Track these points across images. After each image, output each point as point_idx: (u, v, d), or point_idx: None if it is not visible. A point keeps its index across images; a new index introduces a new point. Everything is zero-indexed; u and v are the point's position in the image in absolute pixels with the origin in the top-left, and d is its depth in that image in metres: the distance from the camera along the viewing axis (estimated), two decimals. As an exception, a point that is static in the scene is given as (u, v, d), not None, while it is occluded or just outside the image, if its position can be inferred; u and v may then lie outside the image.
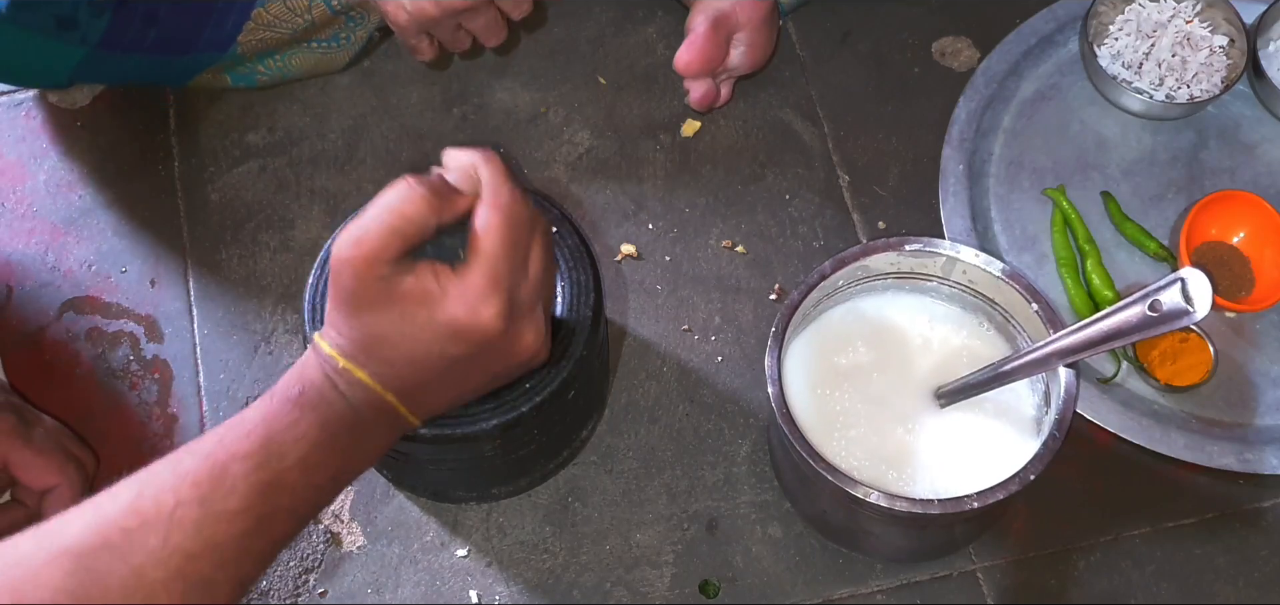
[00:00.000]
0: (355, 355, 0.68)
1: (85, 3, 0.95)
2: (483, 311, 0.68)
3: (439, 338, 0.69)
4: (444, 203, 0.68)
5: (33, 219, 1.05)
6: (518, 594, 0.91)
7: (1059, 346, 0.81)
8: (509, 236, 0.69)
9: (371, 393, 0.69)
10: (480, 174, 0.71)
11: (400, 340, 0.68)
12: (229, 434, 0.66)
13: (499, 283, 0.69)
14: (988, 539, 0.93)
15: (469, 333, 0.69)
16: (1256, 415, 0.96)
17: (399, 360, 0.69)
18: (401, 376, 0.69)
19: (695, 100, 1.05)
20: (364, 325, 0.68)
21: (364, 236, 0.67)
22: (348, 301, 0.68)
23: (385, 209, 0.67)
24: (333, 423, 0.68)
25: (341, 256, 0.67)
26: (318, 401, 0.68)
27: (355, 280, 0.67)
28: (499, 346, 0.71)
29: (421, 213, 0.67)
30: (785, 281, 1.02)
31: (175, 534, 0.62)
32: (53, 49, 0.98)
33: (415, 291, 0.68)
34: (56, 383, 0.98)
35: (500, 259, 0.69)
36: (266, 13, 1.01)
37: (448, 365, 0.70)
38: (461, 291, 0.68)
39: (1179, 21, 1.07)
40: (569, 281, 0.87)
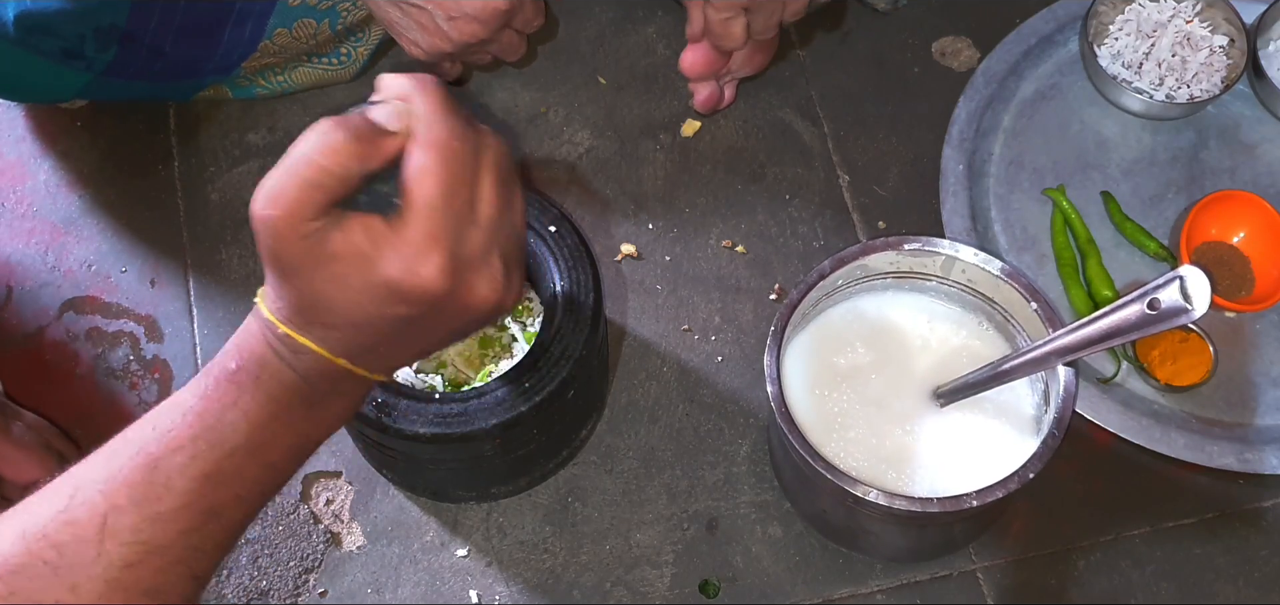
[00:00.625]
0: (294, 319, 0.61)
1: (92, 36, 0.96)
2: (421, 270, 0.59)
3: (378, 299, 0.60)
4: (368, 147, 0.59)
5: (33, 219, 1.06)
6: (518, 594, 0.91)
7: (1058, 345, 0.81)
8: (447, 180, 0.60)
9: (319, 358, 0.61)
10: (413, 107, 0.61)
11: (337, 303, 0.60)
12: (163, 420, 0.60)
13: (438, 235, 0.59)
14: (988, 539, 0.93)
15: (409, 293, 0.60)
16: (1256, 415, 0.96)
17: (341, 323, 0.61)
18: (347, 340, 0.62)
19: (700, 103, 1.05)
20: (297, 289, 0.60)
21: (279, 192, 0.58)
22: (274, 263, 0.60)
23: (300, 159, 0.58)
24: (281, 395, 0.61)
25: (258, 215, 0.59)
26: (260, 374, 0.61)
27: (276, 241, 0.59)
28: (449, 304, 0.62)
29: (342, 161, 0.58)
30: (785, 281, 1.02)
31: (110, 543, 0.57)
32: (58, 73, 0.98)
33: (345, 250, 0.59)
34: (56, 383, 0.98)
35: (438, 208, 0.59)
36: (272, 43, 1.01)
37: (394, 326, 0.62)
38: (396, 248, 0.59)
39: (1179, 21, 1.07)
40: (568, 280, 0.87)
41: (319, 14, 1.01)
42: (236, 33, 1.00)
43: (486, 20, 0.93)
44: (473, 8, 0.92)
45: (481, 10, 0.92)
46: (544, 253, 0.89)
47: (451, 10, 0.92)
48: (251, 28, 1.00)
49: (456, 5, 0.92)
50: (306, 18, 1.00)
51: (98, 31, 0.96)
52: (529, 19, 0.97)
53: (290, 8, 0.99)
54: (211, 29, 0.99)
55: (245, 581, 0.91)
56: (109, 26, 0.96)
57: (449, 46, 0.95)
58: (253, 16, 0.99)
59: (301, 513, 0.94)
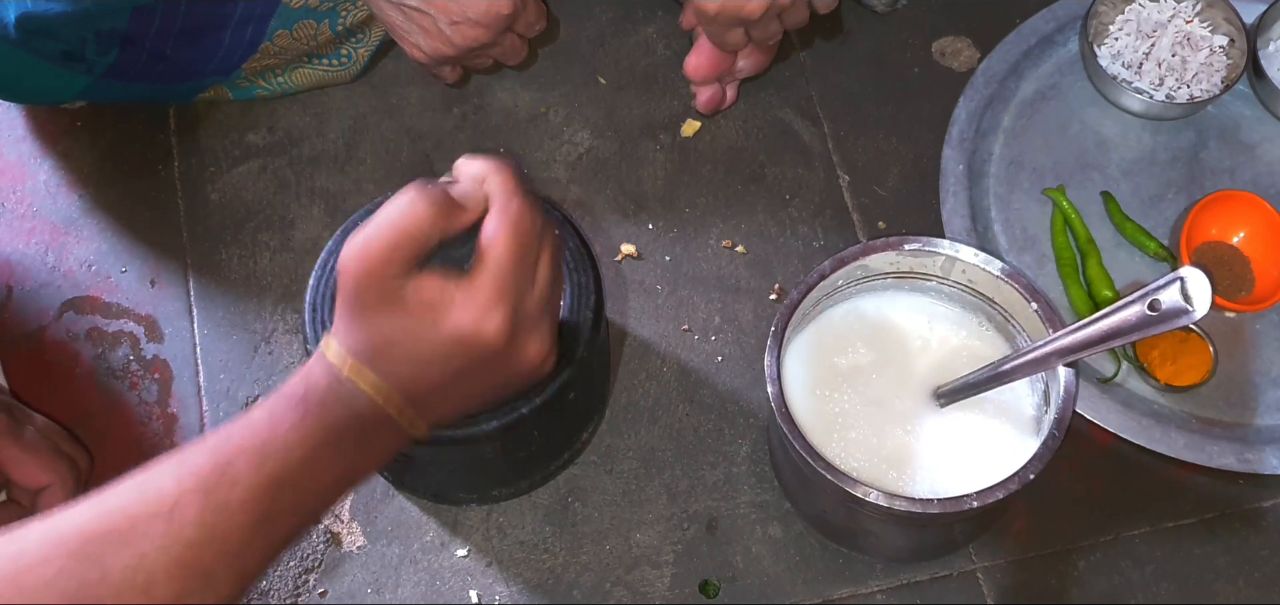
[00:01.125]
0: (359, 361, 0.68)
1: (93, 39, 0.96)
2: (487, 322, 0.68)
3: (444, 346, 0.69)
4: (449, 214, 0.69)
5: (33, 219, 1.06)
6: (518, 594, 0.91)
7: (1058, 345, 0.81)
8: (516, 248, 0.69)
9: (374, 401, 0.69)
10: (490, 184, 0.71)
11: (405, 347, 0.68)
12: (233, 429, 0.66)
13: (504, 294, 0.69)
14: (988, 539, 0.93)
15: (473, 343, 0.69)
16: (1256, 415, 0.96)
17: (404, 367, 0.69)
18: (406, 383, 0.69)
19: (703, 104, 1.05)
20: (370, 330, 0.68)
21: (369, 244, 0.67)
22: (354, 307, 0.68)
23: (391, 216, 0.68)
24: (336, 425, 0.68)
25: (346, 265, 0.68)
26: (322, 404, 0.68)
27: (360, 287, 0.68)
28: (504, 358, 0.71)
29: (426, 222, 0.68)
30: (785, 281, 1.02)
31: (178, 522, 0.62)
32: (58, 75, 0.98)
33: (421, 299, 0.68)
34: (56, 383, 0.98)
35: (506, 270, 0.69)
36: (273, 45, 1.01)
37: (452, 374, 0.70)
38: (467, 301, 0.68)
39: (1179, 21, 1.07)
40: (569, 283, 0.87)
41: (319, 16, 1.01)
42: (237, 35, 1.00)
43: (489, 24, 0.93)
44: (475, 12, 0.92)
45: (484, 15, 0.92)
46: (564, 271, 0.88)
47: (454, 15, 0.92)
48: (252, 30, 1.00)
49: (459, 10, 0.92)
50: (307, 19, 1.00)
51: (99, 35, 0.96)
52: (531, 23, 0.97)
53: (291, 10, 0.99)
54: (212, 32, 0.99)
55: (245, 582, 0.91)
56: (110, 30, 0.96)
57: (451, 50, 0.95)
58: (254, 19, 0.99)
59: (302, 513, 0.93)
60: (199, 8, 0.97)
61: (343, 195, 1.06)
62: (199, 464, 0.64)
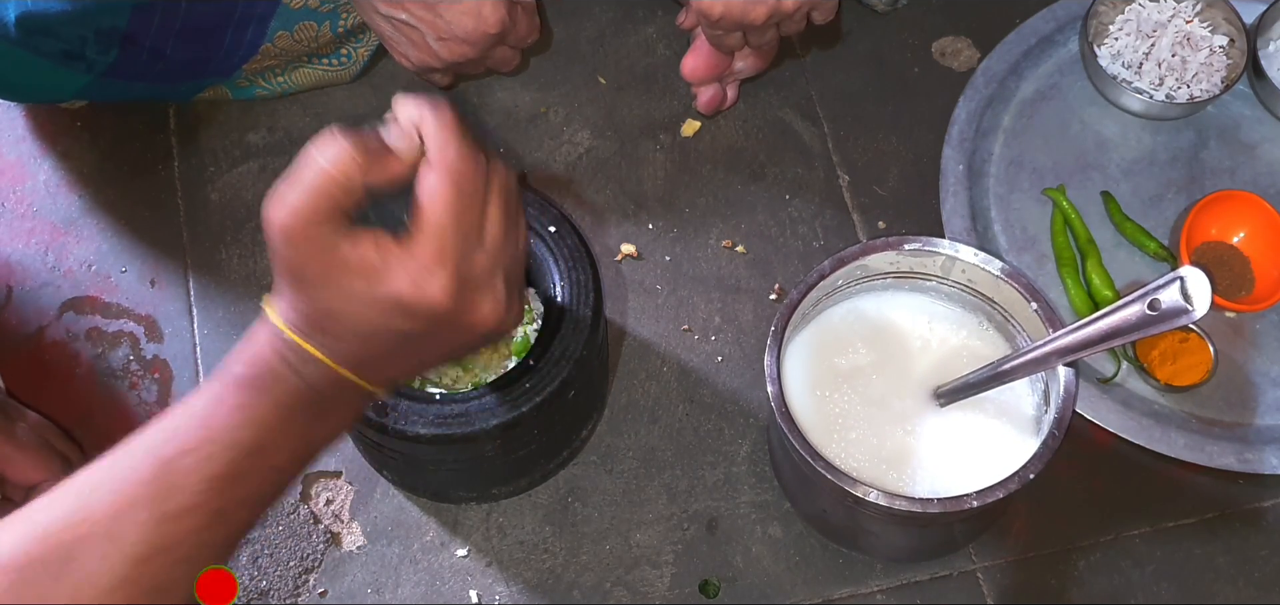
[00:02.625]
0: (303, 328, 0.63)
1: (93, 38, 0.96)
2: (428, 287, 0.62)
3: (384, 313, 0.62)
4: (375, 161, 0.62)
5: (33, 219, 1.06)
6: (518, 594, 0.91)
7: (1058, 345, 0.81)
8: (457, 203, 0.63)
9: (325, 367, 0.63)
10: (425, 130, 0.64)
11: (345, 314, 0.62)
12: (173, 423, 0.62)
13: (445, 255, 0.62)
14: (988, 539, 0.93)
15: (415, 309, 0.62)
16: (1256, 415, 0.96)
17: (347, 335, 0.63)
18: (353, 350, 0.63)
19: (703, 105, 1.05)
20: (307, 297, 0.62)
21: (288, 197, 0.61)
22: (287, 269, 0.62)
23: (309, 167, 0.61)
24: (287, 402, 0.63)
25: (269, 219, 0.61)
26: (269, 382, 0.62)
27: (287, 246, 0.61)
28: (452, 320, 0.64)
29: (346, 171, 0.61)
30: (785, 281, 1.02)
31: (120, 540, 0.58)
32: (58, 74, 0.98)
33: (355, 262, 0.61)
34: (56, 383, 0.98)
35: (447, 229, 0.62)
36: (273, 46, 1.01)
37: (399, 340, 0.64)
38: (404, 265, 0.62)
39: (1179, 21, 1.07)
40: (568, 282, 0.87)
41: (320, 17, 1.01)
42: (237, 36, 1.00)
43: (475, 42, 0.94)
44: (462, 31, 0.92)
45: (470, 33, 0.92)
46: (544, 253, 0.89)
47: (442, 31, 0.92)
48: (253, 31, 1.00)
49: (447, 27, 0.92)
50: (308, 21, 1.00)
51: (99, 34, 0.96)
52: (523, 36, 0.97)
53: (292, 11, 0.99)
54: (212, 32, 0.99)
55: (245, 581, 0.91)
56: (110, 29, 0.96)
57: (438, 64, 0.96)
58: (254, 20, 0.99)
59: (301, 513, 0.94)
60: (199, 7, 0.97)
61: (343, 195, 1.06)
62: (140, 471, 0.60)
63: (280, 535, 0.93)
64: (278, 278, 0.63)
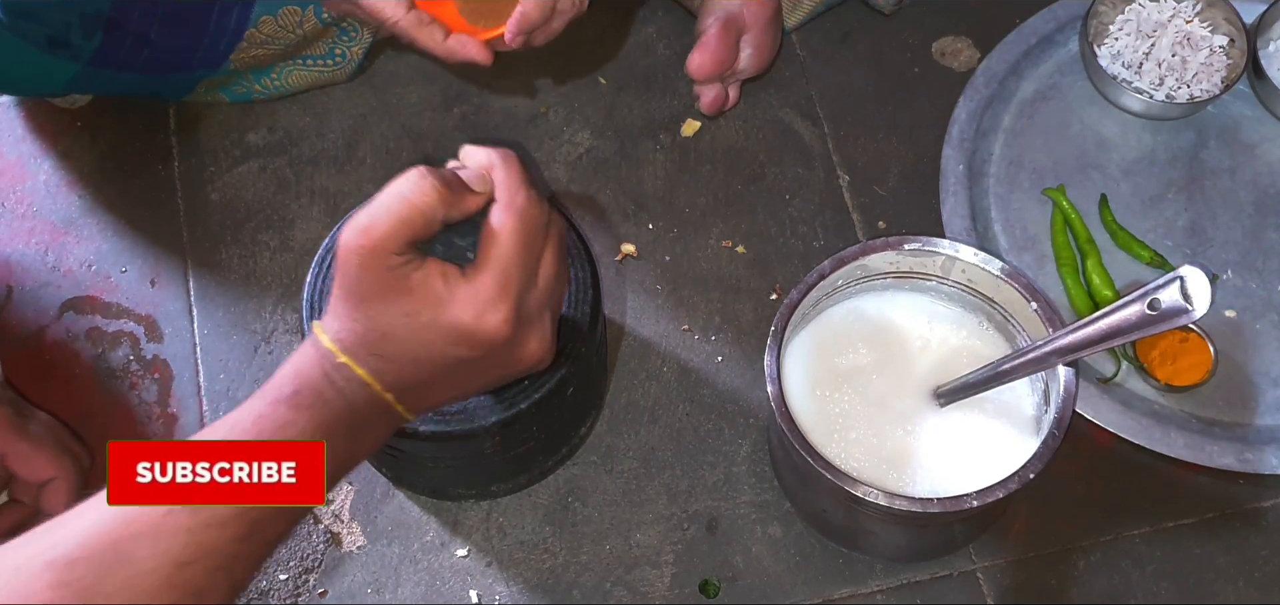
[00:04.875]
0: (355, 350, 0.66)
1: (77, 23, 0.96)
2: (489, 318, 0.67)
3: (442, 340, 0.67)
4: (454, 198, 0.67)
5: (33, 219, 1.06)
6: (518, 594, 0.91)
7: (1058, 345, 0.81)
8: (522, 242, 0.68)
9: (369, 390, 0.67)
10: (496, 175, 0.69)
11: (403, 337, 0.67)
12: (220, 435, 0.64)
13: (508, 289, 0.67)
14: (988, 539, 0.93)
15: (474, 338, 0.67)
16: (1256, 415, 0.96)
17: (400, 358, 0.67)
18: (401, 374, 0.68)
19: (706, 105, 1.05)
20: (367, 318, 0.66)
21: (371, 224, 0.65)
22: (352, 291, 0.66)
23: (394, 197, 0.66)
24: (328, 422, 0.66)
25: (348, 244, 0.66)
26: (313, 401, 0.66)
27: (360, 269, 0.66)
28: (503, 353, 0.69)
29: (431, 204, 0.66)
30: (785, 281, 1.02)
31: (166, 542, 0.60)
32: (46, 62, 0.98)
33: (421, 289, 0.66)
34: (56, 382, 0.98)
35: (511, 265, 0.68)
36: (258, 32, 1.01)
37: (449, 366, 0.68)
38: (469, 295, 0.67)
39: (1179, 21, 1.07)
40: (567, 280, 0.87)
41: (303, 1, 1.00)
42: (222, 20, 0.99)
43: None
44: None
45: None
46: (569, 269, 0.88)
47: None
48: (237, 15, 0.99)
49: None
50: (291, 5, 1.00)
51: (83, 18, 0.95)
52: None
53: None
54: (195, 15, 0.99)
55: (245, 581, 0.91)
56: (94, 13, 0.95)
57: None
58: (238, 4, 0.99)
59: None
60: None
61: (343, 195, 1.06)
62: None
63: (280, 535, 0.93)
64: (338, 297, 0.67)
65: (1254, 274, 1.01)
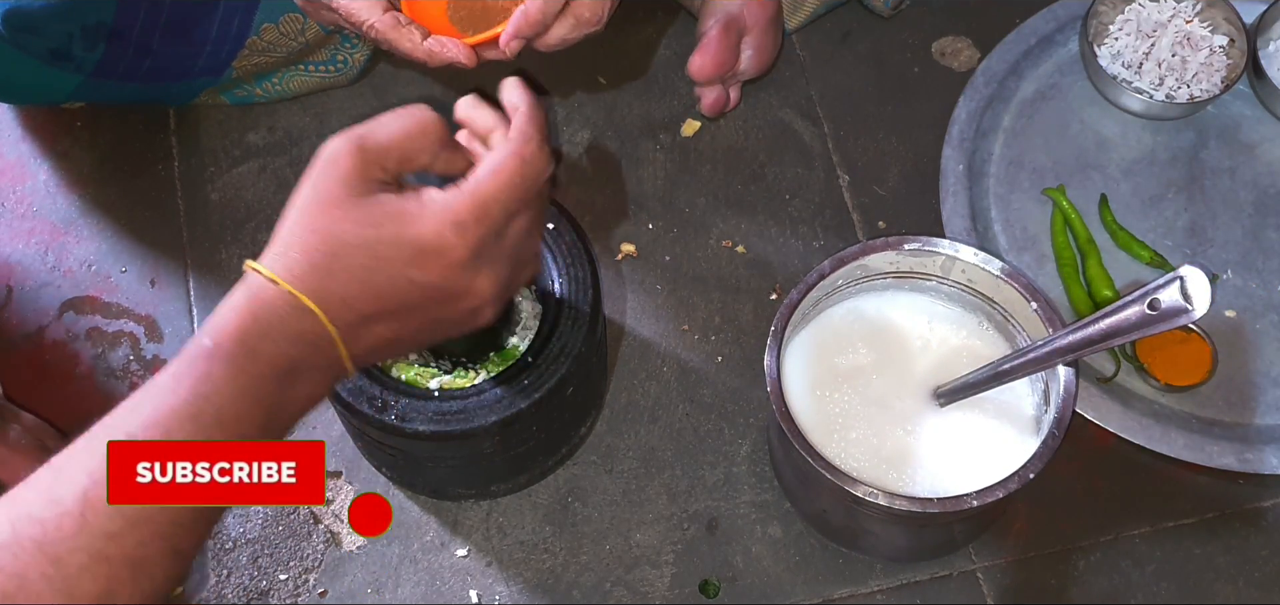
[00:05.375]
0: (302, 274, 0.62)
1: (79, 35, 0.96)
2: (454, 237, 0.64)
3: (399, 256, 0.63)
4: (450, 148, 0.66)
5: (33, 219, 1.06)
6: (518, 594, 0.91)
7: (1058, 345, 0.81)
8: (511, 184, 0.66)
9: (307, 326, 0.62)
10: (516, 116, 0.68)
11: (359, 251, 0.62)
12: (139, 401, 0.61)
13: (480, 219, 0.64)
14: (988, 539, 0.93)
15: (434, 256, 0.63)
16: (1256, 415, 0.96)
17: (350, 277, 0.62)
18: (348, 300, 0.63)
19: (707, 107, 1.05)
20: (327, 226, 0.62)
21: (369, 131, 0.64)
22: (321, 197, 0.63)
23: (399, 114, 0.65)
24: (252, 369, 0.61)
25: (336, 144, 0.63)
26: (234, 350, 0.61)
27: (345, 170, 0.63)
28: (454, 280, 0.65)
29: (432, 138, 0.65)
30: (785, 281, 1.02)
31: (91, 516, 0.58)
32: (48, 74, 0.98)
33: (393, 204, 0.63)
34: (56, 383, 0.98)
35: (492, 200, 0.65)
36: (260, 40, 1.01)
37: (400, 292, 0.64)
38: (440, 209, 0.64)
39: (1179, 21, 1.07)
40: (566, 278, 0.87)
41: None
42: (223, 29, 0.99)
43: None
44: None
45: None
46: (542, 250, 0.88)
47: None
48: (238, 23, 0.99)
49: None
50: (292, 12, 1.00)
51: (85, 29, 0.95)
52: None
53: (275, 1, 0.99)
54: (197, 24, 0.99)
55: (245, 581, 0.91)
56: (96, 24, 0.96)
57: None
58: (239, 12, 0.99)
59: (301, 513, 0.93)
60: None
61: (343, 195, 1.06)
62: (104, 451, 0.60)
63: (280, 535, 0.93)
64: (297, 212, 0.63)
65: (1254, 274, 1.01)
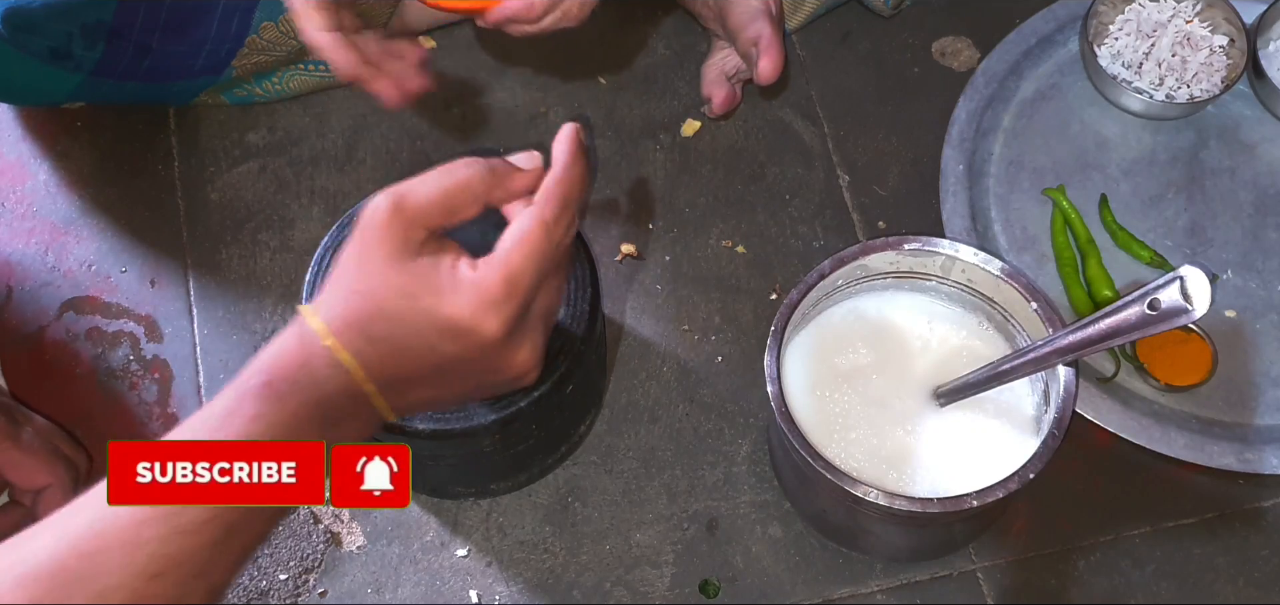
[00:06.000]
0: (344, 331, 0.62)
1: (78, 34, 0.96)
2: (488, 320, 0.63)
3: (434, 331, 0.63)
4: (500, 176, 0.65)
5: (33, 219, 1.06)
6: (518, 594, 0.91)
7: (1058, 345, 0.81)
8: (541, 253, 0.65)
9: (349, 379, 0.63)
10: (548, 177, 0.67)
11: (395, 320, 0.63)
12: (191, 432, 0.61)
13: (514, 295, 0.64)
14: (988, 539, 0.93)
15: (467, 336, 0.64)
16: (1256, 415, 0.96)
17: (389, 343, 0.63)
18: (386, 363, 0.63)
19: (719, 105, 1.04)
20: (367, 290, 0.63)
21: (409, 190, 0.63)
22: (363, 258, 0.63)
23: (438, 171, 0.64)
24: (301, 413, 0.62)
25: (377, 204, 0.63)
26: (285, 391, 0.62)
27: (383, 230, 0.63)
28: (492, 358, 0.66)
29: (474, 177, 0.64)
30: (785, 281, 1.02)
31: (137, 553, 0.57)
32: (48, 74, 0.98)
33: (428, 272, 0.63)
34: (56, 383, 0.98)
35: (524, 272, 0.64)
36: (259, 39, 1.01)
37: (436, 362, 0.64)
38: (472, 290, 0.63)
39: (1179, 21, 1.07)
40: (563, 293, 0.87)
41: None
42: (223, 28, 0.99)
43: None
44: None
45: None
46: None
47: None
48: (238, 22, 0.99)
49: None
50: None
51: (84, 29, 0.95)
52: None
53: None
54: (197, 24, 0.99)
55: (245, 581, 0.91)
56: (96, 23, 0.96)
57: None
58: (239, 11, 0.99)
59: (301, 513, 0.93)
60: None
61: (343, 195, 1.06)
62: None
63: (280, 535, 0.93)
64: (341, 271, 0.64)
65: (1254, 274, 1.01)
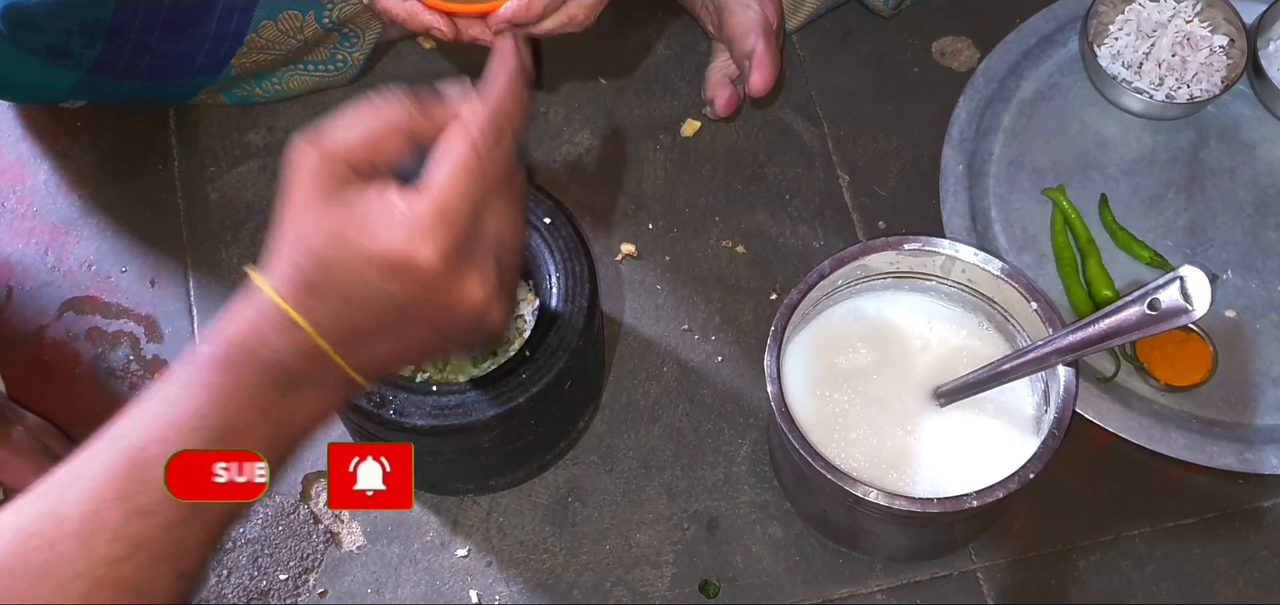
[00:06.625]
0: (292, 291, 0.59)
1: (78, 32, 0.96)
2: (420, 248, 0.58)
3: (371, 270, 0.58)
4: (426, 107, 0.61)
5: (33, 219, 1.06)
6: (518, 594, 0.91)
7: (1058, 345, 0.81)
8: (470, 171, 0.60)
9: (304, 338, 0.59)
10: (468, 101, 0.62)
11: (333, 266, 0.59)
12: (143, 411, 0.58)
13: (446, 219, 0.59)
14: (988, 539, 0.93)
15: (402, 269, 0.58)
16: (1256, 415, 0.96)
17: (332, 293, 0.59)
18: (337, 316, 0.60)
19: (722, 106, 1.04)
20: (299, 239, 0.59)
21: (331, 130, 0.59)
22: (289, 206, 0.60)
23: (363, 108, 0.60)
24: (257, 381, 0.59)
25: (298, 148, 0.59)
26: (240, 359, 0.59)
27: (307, 177, 0.59)
28: (438, 293, 0.60)
29: (397, 112, 0.60)
30: (785, 281, 1.02)
31: (96, 539, 0.55)
32: (47, 72, 0.98)
33: (355, 207, 0.59)
34: (56, 383, 0.98)
35: (454, 194, 0.59)
36: (259, 37, 1.01)
37: (383, 306, 0.60)
38: (401, 219, 0.58)
39: (1179, 21, 1.07)
40: (564, 273, 0.87)
41: (303, 5, 1.00)
42: (222, 26, 0.99)
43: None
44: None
45: None
46: (539, 245, 0.89)
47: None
48: (237, 21, 0.99)
49: None
50: (291, 10, 1.00)
51: (83, 26, 0.95)
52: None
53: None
54: (196, 21, 0.99)
55: (245, 581, 0.91)
56: (94, 21, 0.96)
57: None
58: (237, 9, 0.99)
59: (301, 513, 0.94)
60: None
61: (343, 195, 1.06)
62: (109, 466, 0.57)
63: (280, 535, 0.93)
64: (279, 222, 0.60)
65: (1254, 274, 1.01)
